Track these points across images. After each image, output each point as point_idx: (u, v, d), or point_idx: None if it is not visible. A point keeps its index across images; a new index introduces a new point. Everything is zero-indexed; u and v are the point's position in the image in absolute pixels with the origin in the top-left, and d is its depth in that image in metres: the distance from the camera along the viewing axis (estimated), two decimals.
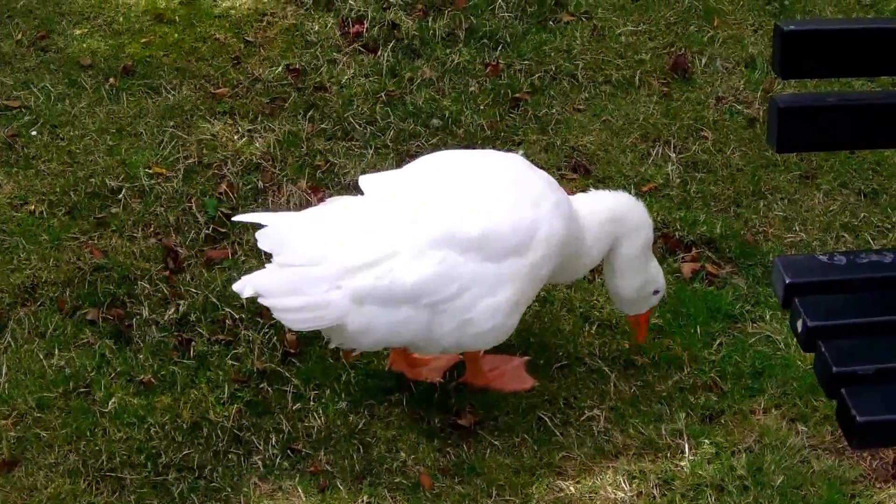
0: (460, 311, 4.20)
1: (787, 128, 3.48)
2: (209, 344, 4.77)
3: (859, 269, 3.64)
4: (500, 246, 4.20)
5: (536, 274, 4.29)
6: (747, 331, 4.91)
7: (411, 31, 6.33)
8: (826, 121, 3.53)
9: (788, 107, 3.48)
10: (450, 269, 4.16)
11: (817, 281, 3.61)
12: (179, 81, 6.02)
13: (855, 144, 3.83)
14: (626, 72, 6.16)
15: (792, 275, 3.60)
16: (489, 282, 4.20)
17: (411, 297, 4.17)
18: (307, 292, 4.15)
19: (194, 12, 6.45)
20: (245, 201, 5.38)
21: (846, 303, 3.59)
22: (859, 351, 3.43)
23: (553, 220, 4.28)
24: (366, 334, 4.22)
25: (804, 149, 3.96)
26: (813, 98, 3.53)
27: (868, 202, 5.53)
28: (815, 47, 3.45)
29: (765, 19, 6.51)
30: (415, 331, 4.23)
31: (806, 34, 3.43)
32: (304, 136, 5.70)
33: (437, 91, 6.00)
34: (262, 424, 4.50)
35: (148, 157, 5.56)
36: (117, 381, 4.62)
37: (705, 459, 4.39)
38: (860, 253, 3.71)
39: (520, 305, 4.32)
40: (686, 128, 5.84)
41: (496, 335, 4.32)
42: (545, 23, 6.45)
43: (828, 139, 3.58)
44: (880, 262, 3.67)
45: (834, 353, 3.40)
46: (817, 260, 3.70)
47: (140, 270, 5.04)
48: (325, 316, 4.16)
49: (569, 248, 4.38)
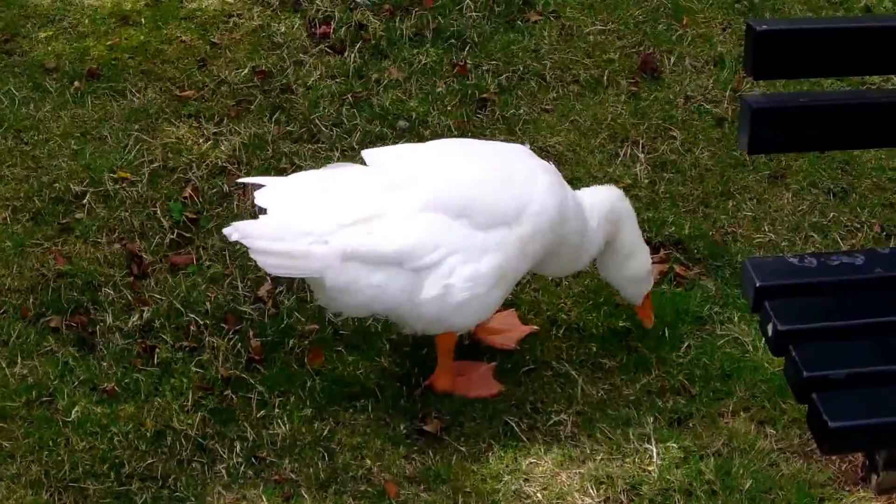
0: (443, 275, 4.22)
1: (759, 129, 3.45)
2: (173, 351, 4.73)
3: (830, 272, 3.62)
4: (489, 214, 4.27)
5: (525, 247, 4.32)
6: (716, 333, 4.88)
7: (378, 31, 6.28)
8: (798, 122, 3.50)
9: (761, 108, 3.45)
10: (437, 232, 4.22)
11: (788, 284, 3.59)
12: (145, 84, 5.96)
13: (827, 145, 3.79)
14: (595, 71, 6.13)
15: (762, 277, 3.58)
16: (475, 249, 4.25)
17: (396, 259, 4.21)
18: (291, 241, 4.21)
19: (160, 14, 6.39)
20: (210, 205, 5.33)
21: (817, 306, 3.57)
22: (830, 355, 3.41)
23: (546, 197, 4.34)
24: (346, 293, 4.24)
25: (776, 150, 3.92)
26: (785, 98, 3.50)
27: (837, 201, 5.51)
28: (787, 48, 3.42)
29: (734, 17, 6.48)
30: (396, 295, 4.25)
31: (779, 34, 3.40)
32: (270, 139, 5.66)
33: (404, 92, 5.96)
34: (226, 432, 4.46)
35: (112, 161, 5.50)
36: (80, 390, 4.58)
37: (673, 464, 4.36)
38: (831, 255, 3.69)
39: (505, 278, 4.32)
40: (655, 127, 5.81)
41: (477, 308, 4.31)
42: (513, 22, 6.42)
43: (800, 140, 3.56)
44: (851, 263, 3.65)
45: (805, 357, 3.38)
46: (787, 262, 3.67)
47: (104, 276, 5.00)
48: (303, 266, 4.22)
49: (570, 235, 4.44)
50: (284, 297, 4.95)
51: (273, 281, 4.97)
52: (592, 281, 5.05)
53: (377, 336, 4.81)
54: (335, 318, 4.81)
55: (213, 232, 5.18)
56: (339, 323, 4.83)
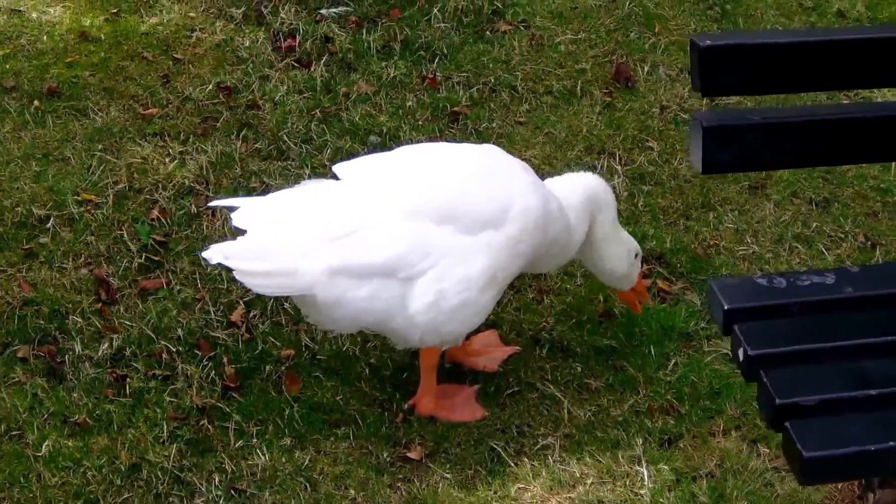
0: (433, 280, 4.14)
1: (710, 148, 3.33)
2: (146, 379, 4.57)
3: (800, 293, 3.50)
4: (475, 217, 4.20)
5: (515, 248, 4.25)
6: (702, 349, 4.78)
7: (345, 44, 6.15)
8: (751, 141, 3.38)
9: (712, 126, 3.32)
10: (424, 240, 4.14)
11: (757, 306, 3.46)
12: (107, 102, 5.79)
13: (781, 164, 3.68)
14: (567, 82, 6.01)
15: (729, 300, 3.45)
16: (463, 253, 4.17)
17: (387, 269, 4.14)
18: (276, 259, 4.12)
19: (120, 30, 6.22)
20: (179, 227, 5.17)
21: (787, 328, 3.45)
22: (801, 380, 3.29)
23: (528, 195, 4.28)
24: (338, 307, 4.16)
25: (728, 170, 3.80)
26: (736, 117, 3.37)
27: (820, 211, 5.42)
28: (734, 63, 3.30)
29: (706, 24, 6.38)
30: (388, 305, 4.16)
31: (724, 49, 3.28)
32: (237, 157, 5.50)
33: (374, 106, 5.82)
34: (204, 464, 4.31)
35: (76, 183, 5.34)
36: (51, 423, 4.41)
37: (665, 487, 4.24)
38: (801, 274, 3.57)
39: (496, 280, 4.24)
40: (631, 139, 5.70)
41: (471, 311, 4.22)
42: (482, 33, 6.29)
43: (752, 159, 3.43)
44: (822, 283, 3.54)
45: (776, 383, 3.25)
46: (755, 283, 3.55)
47: (71, 304, 4.83)
48: (292, 284, 4.13)
49: (555, 230, 4.37)
50: (259, 322, 4.80)
51: (246, 305, 4.83)
52: (574, 299, 4.93)
53: (356, 360, 4.67)
54: (312, 344, 4.68)
55: (182, 255, 5.03)
56: (316, 348, 4.69)
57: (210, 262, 4.13)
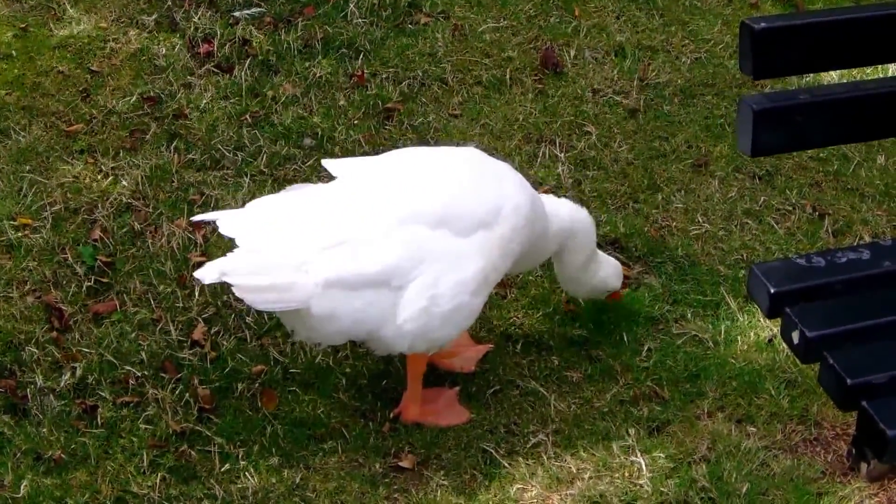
0: (427, 286, 4.06)
1: (762, 130, 3.32)
2: (116, 408, 4.41)
3: (839, 270, 3.52)
4: (468, 220, 4.15)
5: (507, 247, 4.21)
6: (672, 332, 4.76)
7: (264, 45, 6.00)
8: (800, 120, 3.37)
9: (763, 109, 3.31)
10: (419, 246, 4.07)
11: (802, 287, 3.46)
12: (28, 121, 5.57)
13: (831, 141, 3.68)
14: (496, 71, 5.95)
15: (775, 283, 3.45)
16: (457, 257, 4.11)
17: (382, 278, 4.05)
18: (274, 273, 4.01)
19: (30, 44, 5.99)
20: (123, 246, 5.00)
21: (836, 307, 3.45)
22: (864, 359, 3.29)
23: (518, 195, 4.26)
24: (331, 320, 4.06)
25: (778, 151, 3.79)
26: (785, 97, 3.36)
27: (764, 185, 5.43)
28: (787, 45, 3.29)
29: (625, 5, 6.37)
30: (380, 315, 4.07)
31: (779, 31, 3.26)
32: (172, 169, 5.34)
33: (304, 108, 5.70)
34: (191, 492, 4.16)
35: (10, 207, 5.12)
36: (24, 461, 4.22)
37: (664, 474, 4.21)
38: (836, 252, 3.58)
39: (488, 282, 4.19)
40: (568, 124, 5.66)
41: (464, 315, 4.15)
42: (403, 26, 6.19)
43: (802, 139, 3.43)
44: (859, 259, 3.55)
45: (842, 363, 3.25)
46: (796, 264, 3.55)
47: (24, 334, 4.64)
48: (290, 298, 4.01)
49: (540, 227, 4.36)
50: (222, 340, 4.66)
51: (206, 322, 4.69)
52: (538, 290, 4.88)
53: (330, 372, 4.57)
54: (282, 357, 4.56)
55: (132, 274, 4.86)
56: (287, 361, 4.57)
57: (203, 280, 3.98)
